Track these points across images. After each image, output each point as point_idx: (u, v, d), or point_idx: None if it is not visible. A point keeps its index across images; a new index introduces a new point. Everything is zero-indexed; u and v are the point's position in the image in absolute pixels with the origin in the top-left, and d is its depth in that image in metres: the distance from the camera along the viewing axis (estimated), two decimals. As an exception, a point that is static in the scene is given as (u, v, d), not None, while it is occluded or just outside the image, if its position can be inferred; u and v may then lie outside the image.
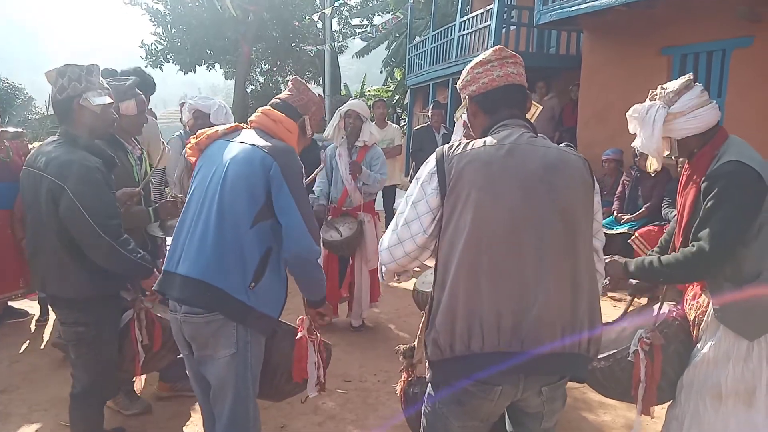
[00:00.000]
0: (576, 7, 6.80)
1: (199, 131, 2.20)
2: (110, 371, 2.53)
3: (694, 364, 2.09)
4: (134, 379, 2.99)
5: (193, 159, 2.20)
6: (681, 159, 2.19)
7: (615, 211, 5.94)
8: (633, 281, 2.47)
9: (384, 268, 1.77)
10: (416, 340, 1.94)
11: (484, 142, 1.63)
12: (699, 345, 2.09)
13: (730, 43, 5.73)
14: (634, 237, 5.41)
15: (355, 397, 3.44)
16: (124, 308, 2.54)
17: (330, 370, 2.45)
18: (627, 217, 5.77)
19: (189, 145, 2.19)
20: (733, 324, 1.97)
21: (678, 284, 2.21)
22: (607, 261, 2.14)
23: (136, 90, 2.90)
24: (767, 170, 1.93)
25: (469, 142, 1.64)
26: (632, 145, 2.19)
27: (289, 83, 2.31)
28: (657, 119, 2.04)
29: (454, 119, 3.19)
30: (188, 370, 2.17)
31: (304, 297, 2.22)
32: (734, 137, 2.06)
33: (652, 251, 2.42)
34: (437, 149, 1.69)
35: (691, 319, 2.16)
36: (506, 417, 1.79)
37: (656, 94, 2.12)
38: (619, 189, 6.08)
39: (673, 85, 2.09)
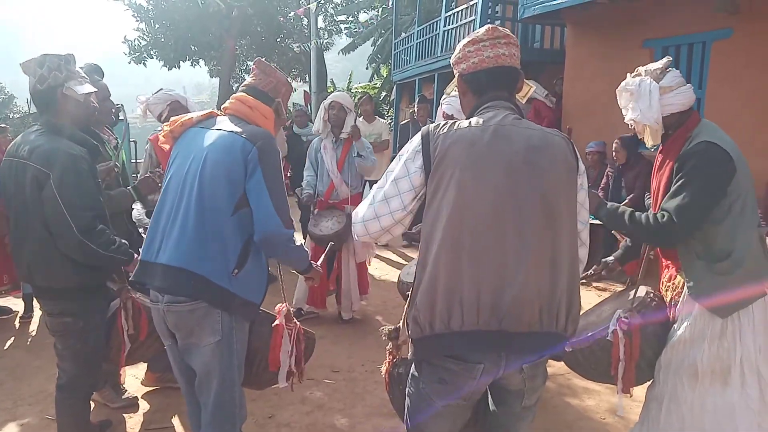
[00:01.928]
0: (559, 1, 6.84)
1: (173, 119, 2.17)
2: (97, 362, 2.53)
3: (671, 344, 2.13)
4: (121, 371, 2.98)
5: (167, 147, 2.17)
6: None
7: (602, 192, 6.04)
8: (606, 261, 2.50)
9: (356, 237, 1.78)
10: (401, 322, 1.96)
11: (470, 122, 1.64)
12: (675, 325, 2.14)
13: (709, 35, 5.80)
14: (617, 227, 5.48)
15: (343, 387, 3.46)
16: (110, 298, 2.53)
17: (318, 360, 2.46)
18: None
19: (163, 133, 2.16)
20: (706, 302, 2.02)
21: (637, 242, 2.30)
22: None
23: (95, 77, 2.88)
24: (737, 151, 2.01)
25: (454, 122, 1.65)
26: (627, 119, 2.21)
27: (253, 67, 2.24)
28: (653, 90, 2.09)
29: (444, 93, 3.20)
30: (172, 361, 2.16)
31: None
32: (707, 121, 2.13)
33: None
34: (423, 128, 1.69)
35: (668, 300, 2.21)
36: (489, 395, 1.82)
37: (639, 73, 2.16)
38: (604, 180, 6.15)
39: (656, 65, 2.15)
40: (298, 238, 2.14)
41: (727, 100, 5.56)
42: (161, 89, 3.72)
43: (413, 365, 1.75)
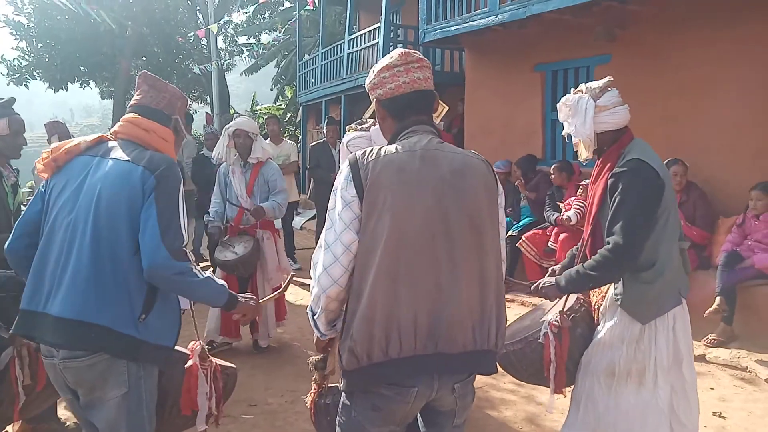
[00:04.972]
0: (457, 27, 7.19)
1: (56, 145, 1.92)
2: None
3: (592, 345, 2.27)
4: (12, 427, 2.67)
5: (45, 176, 1.91)
6: (583, 159, 2.38)
7: (510, 210, 6.45)
8: None
9: (322, 301, 1.66)
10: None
11: (396, 148, 1.66)
12: (599, 328, 2.28)
13: (592, 60, 6.34)
14: (521, 241, 5.83)
15: (261, 421, 3.33)
16: (1, 347, 2.24)
17: (233, 395, 2.33)
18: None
19: (42, 161, 1.90)
20: (629, 308, 2.17)
21: (607, 284, 2.28)
22: (542, 286, 2.28)
23: (12, 109, 2.63)
24: (664, 169, 2.19)
25: (381, 148, 1.66)
26: (563, 133, 2.36)
27: (139, 81, 1.99)
28: (588, 108, 2.22)
29: (363, 120, 3.21)
30: (74, 415, 1.95)
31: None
32: (638, 139, 2.30)
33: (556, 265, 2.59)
34: (350, 156, 1.68)
35: (593, 304, 2.36)
36: (419, 418, 1.83)
37: (581, 90, 2.31)
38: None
39: (596, 83, 2.30)
40: (206, 270, 1.98)
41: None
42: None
43: (344, 394, 1.71)
